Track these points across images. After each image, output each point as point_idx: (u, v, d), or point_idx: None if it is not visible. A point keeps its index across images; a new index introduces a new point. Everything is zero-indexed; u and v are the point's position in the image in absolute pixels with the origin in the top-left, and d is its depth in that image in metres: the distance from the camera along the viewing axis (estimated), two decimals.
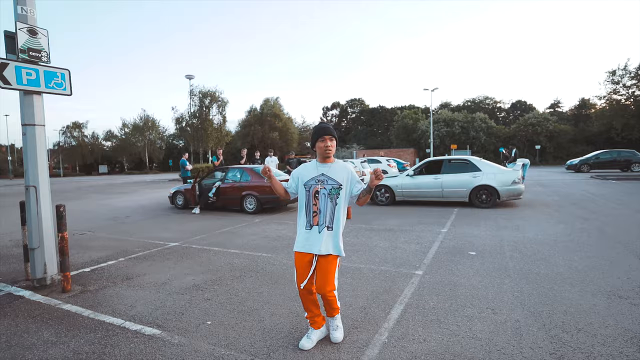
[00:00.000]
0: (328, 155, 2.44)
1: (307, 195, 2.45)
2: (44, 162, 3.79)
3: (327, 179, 2.42)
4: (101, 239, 6.41)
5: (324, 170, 2.45)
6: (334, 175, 2.43)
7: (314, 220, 2.42)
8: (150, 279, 4.07)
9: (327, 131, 2.42)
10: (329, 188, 2.41)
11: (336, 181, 2.42)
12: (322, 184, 2.42)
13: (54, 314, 3.17)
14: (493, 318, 2.84)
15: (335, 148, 2.49)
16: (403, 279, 3.83)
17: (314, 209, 2.42)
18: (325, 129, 2.43)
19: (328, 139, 2.41)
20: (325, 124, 2.48)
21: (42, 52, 3.76)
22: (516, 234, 5.72)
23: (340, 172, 2.45)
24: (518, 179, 8.39)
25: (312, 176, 2.46)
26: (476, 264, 4.28)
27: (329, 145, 2.41)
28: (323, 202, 2.41)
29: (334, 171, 2.44)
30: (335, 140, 2.44)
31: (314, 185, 2.43)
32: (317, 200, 2.42)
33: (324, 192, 2.41)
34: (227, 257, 4.94)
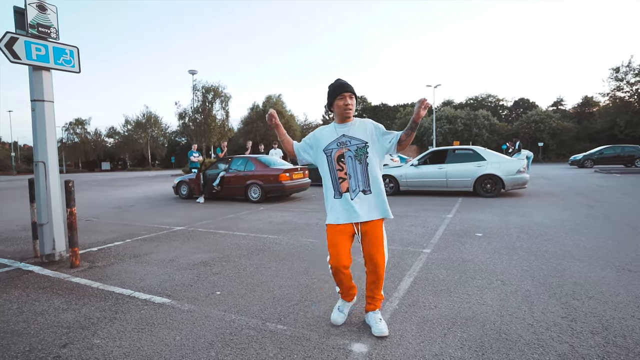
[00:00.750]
0: (348, 115, 2.20)
1: (329, 161, 2.22)
2: (53, 138, 3.80)
3: (349, 140, 2.18)
4: (107, 224, 6.43)
5: (343, 130, 2.21)
6: (356, 134, 2.19)
7: (341, 186, 2.18)
8: (158, 257, 4.08)
9: (347, 87, 2.17)
10: (354, 149, 2.17)
11: (361, 140, 2.18)
12: (345, 146, 2.18)
13: (64, 286, 3.19)
14: (503, 288, 2.83)
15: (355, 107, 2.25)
16: (411, 256, 3.83)
17: (340, 175, 2.18)
18: (344, 85, 2.19)
19: (348, 96, 2.17)
20: (343, 81, 2.22)
21: (51, 29, 3.76)
22: (522, 219, 5.70)
23: (362, 129, 2.21)
24: (523, 168, 8.37)
25: (332, 139, 2.23)
26: (483, 243, 4.27)
27: (349, 103, 2.17)
28: (351, 165, 2.17)
29: (355, 130, 2.20)
30: (355, 99, 2.22)
31: (335, 149, 2.20)
32: (343, 165, 2.19)
33: (349, 155, 2.18)
34: (233, 238, 4.95)
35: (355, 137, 2.19)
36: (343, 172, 2.19)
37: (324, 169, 2.26)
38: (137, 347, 2.10)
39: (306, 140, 2.37)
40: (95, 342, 2.17)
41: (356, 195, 2.16)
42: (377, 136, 2.21)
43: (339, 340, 2.12)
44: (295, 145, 2.38)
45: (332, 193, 2.21)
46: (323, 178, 2.28)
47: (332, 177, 2.22)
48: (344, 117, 2.22)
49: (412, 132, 2.10)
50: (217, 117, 32.26)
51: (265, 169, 8.88)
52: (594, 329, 2.14)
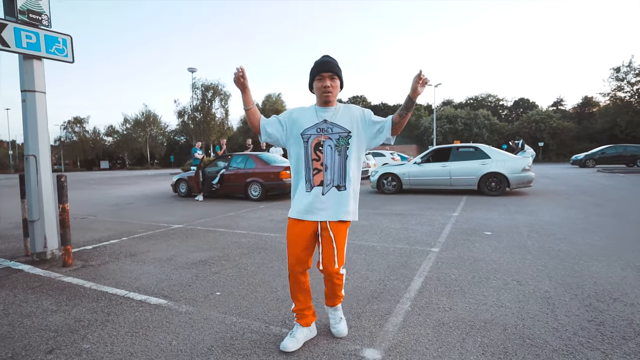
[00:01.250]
0: (328, 99, 1.89)
1: (306, 148, 1.91)
2: (44, 130, 3.63)
3: (331, 127, 1.90)
4: (103, 222, 6.25)
5: (326, 115, 1.92)
6: (340, 121, 1.91)
7: (314, 179, 1.90)
8: (155, 255, 3.91)
9: (325, 67, 1.86)
10: (336, 138, 1.89)
11: (343, 128, 1.90)
12: (325, 134, 1.89)
13: (54, 286, 3.01)
14: (520, 289, 2.67)
15: (339, 90, 1.94)
16: (419, 255, 3.67)
17: (316, 165, 1.90)
18: (324, 64, 1.87)
19: (328, 77, 1.86)
20: (326, 58, 1.92)
21: (42, 15, 3.58)
22: (530, 218, 5.55)
23: (347, 116, 1.92)
24: (528, 166, 8.22)
25: (312, 123, 1.91)
26: (493, 242, 4.11)
27: (328, 86, 1.86)
28: (330, 155, 1.89)
29: (339, 116, 1.92)
30: (338, 80, 1.91)
31: (314, 135, 1.90)
32: (320, 154, 1.89)
33: (329, 144, 1.89)
34: (233, 236, 4.78)
35: (338, 125, 1.91)
36: (319, 162, 1.90)
37: (297, 156, 1.95)
38: (129, 352, 1.93)
39: (279, 117, 2.01)
40: (85, 347, 2.00)
41: (329, 190, 1.90)
42: (363, 124, 1.95)
43: (350, 345, 1.96)
44: (262, 119, 2.00)
45: (304, 186, 1.93)
46: (293, 166, 1.99)
47: (306, 166, 1.92)
48: (324, 101, 1.92)
49: (408, 112, 1.84)
50: (216, 116, 32.06)
51: (266, 167, 8.70)
52: (626, 333, 1.98)
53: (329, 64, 1.87)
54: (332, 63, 1.89)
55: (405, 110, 1.83)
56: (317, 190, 1.90)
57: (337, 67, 1.90)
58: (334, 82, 1.89)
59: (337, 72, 1.89)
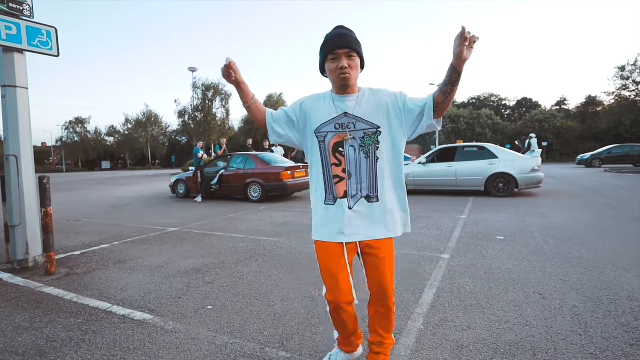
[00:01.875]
0: (347, 83, 1.43)
1: (322, 150, 1.50)
2: (26, 128, 3.38)
3: (353, 121, 1.46)
4: (96, 224, 6.01)
5: (345, 106, 1.47)
6: (363, 114, 1.46)
7: (337, 189, 1.49)
8: (145, 262, 3.66)
9: (339, 41, 1.40)
10: (360, 135, 1.46)
11: (370, 122, 1.46)
12: (346, 130, 1.47)
13: (32, 298, 2.76)
14: (544, 303, 2.40)
15: (360, 70, 1.48)
16: (429, 262, 3.40)
17: (337, 172, 1.48)
18: (337, 37, 1.42)
19: (344, 54, 1.40)
20: (340, 30, 1.46)
21: (24, 5, 3.34)
22: (543, 220, 5.27)
23: (374, 105, 1.47)
24: (537, 166, 7.93)
25: (328, 118, 1.48)
26: (507, 247, 3.84)
27: (345, 66, 1.40)
28: (353, 159, 1.47)
29: (363, 107, 1.47)
30: (357, 58, 1.44)
31: (332, 132, 1.48)
32: (341, 157, 1.48)
33: (352, 144, 1.47)
34: (230, 241, 4.52)
35: (362, 119, 1.46)
36: (340, 167, 1.49)
37: (314, 159, 1.55)
38: None
39: (288, 110, 1.58)
40: None
41: (356, 202, 1.49)
42: (397, 112, 1.47)
43: None
44: (267, 114, 1.59)
45: (322, 196, 1.53)
46: (311, 172, 1.58)
47: (325, 173, 1.51)
48: (341, 86, 1.46)
49: (454, 87, 1.36)
50: (217, 115, 31.84)
51: (266, 167, 8.44)
52: None
53: (344, 37, 1.41)
54: (348, 35, 1.42)
55: (450, 85, 1.36)
56: (341, 203, 1.49)
57: (356, 41, 1.44)
58: (352, 61, 1.42)
59: (356, 47, 1.42)
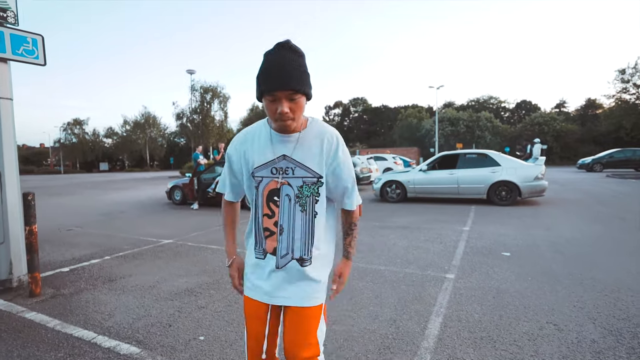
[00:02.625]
0: (286, 130, 1.17)
1: (256, 196, 1.25)
2: (10, 142, 3.21)
3: (292, 166, 1.20)
4: (89, 235, 5.84)
5: (285, 149, 1.20)
6: (303, 159, 1.20)
7: (267, 243, 1.24)
8: (136, 281, 3.49)
9: (280, 81, 1.06)
10: (298, 185, 1.21)
11: (310, 170, 1.20)
12: (283, 176, 1.21)
13: (13, 325, 2.59)
14: (560, 337, 2.24)
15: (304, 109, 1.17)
16: (433, 283, 3.24)
17: (268, 224, 1.24)
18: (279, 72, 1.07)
19: (284, 97, 1.08)
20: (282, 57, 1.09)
21: (8, 12, 3.17)
22: (550, 234, 5.11)
23: (318, 150, 1.20)
24: (541, 175, 7.78)
25: (266, 160, 1.21)
26: (514, 266, 3.68)
27: (286, 111, 1.09)
28: (287, 210, 1.22)
29: (304, 150, 1.20)
30: (302, 97, 1.12)
31: (268, 178, 1.22)
32: (274, 208, 1.23)
33: (287, 193, 1.21)
34: (225, 256, 4.35)
35: (302, 164, 1.20)
36: (274, 218, 1.23)
37: (250, 201, 1.29)
38: None
39: (229, 151, 1.31)
40: None
41: (286, 263, 1.23)
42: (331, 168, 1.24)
43: None
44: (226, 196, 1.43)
45: (253, 246, 1.30)
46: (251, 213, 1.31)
47: (256, 222, 1.27)
48: (280, 129, 1.18)
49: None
50: (215, 118, 31.69)
51: None
52: None
53: (286, 74, 1.07)
54: (292, 70, 1.08)
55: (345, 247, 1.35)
56: (271, 260, 1.24)
57: (301, 76, 1.10)
58: (295, 104, 1.11)
59: (301, 88, 1.09)
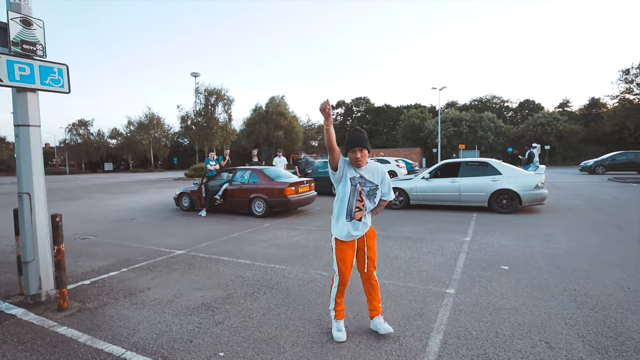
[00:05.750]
0: (359, 166, 2.62)
1: (352, 191, 2.62)
2: (39, 166, 3.44)
3: (365, 182, 2.64)
4: (103, 244, 6.08)
5: (361, 172, 2.64)
6: (370, 177, 2.66)
7: (356, 215, 2.62)
8: (155, 295, 3.72)
9: (356, 143, 2.56)
10: (367, 190, 2.65)
11: (373, 183, 2.67)
12: (362, 186, 2.63)
13: (47, 340, 2.82)
14: (550, 354, 2.44)
15: (367, 155, 2.67)
16: (434, 299, 3.44)
17: (359, 205, 2.62)
18: (355, 140, 2.56)
19: (358, 150, 2.57)
20: (356, 134, 2.60)
21: (37, 45, 3.40)
22: (548, 245, 5.29)
23: (375, 174, 2.69)
24: (541, 183, 7.95)
25: (353, 175, 2.62)
26: (512, 280, 3.88)
27: (359, 157, 2.58)
28: (367, 201, 2.66)
29: (369, 173, 2.66)
30: (366, 150, 2.60)
31: (358, 184, 2.62)
32: (362, 198, 2.63)
33: (365, 192, 2.65)
34: (237, 268, 4.58)
35: (369, 181, 2.68)
36: (362, 203, 2.66)
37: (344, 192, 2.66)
38: None
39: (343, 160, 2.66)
40: None
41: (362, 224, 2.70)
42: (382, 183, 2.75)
43: None
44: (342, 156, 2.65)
45: (344, 215, 2.67)
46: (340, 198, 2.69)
47: (349, 204, 2.65)
48: (356, 166, 2.64)
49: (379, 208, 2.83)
50: (219, 121, 31.94)
51: (270, 182, 8.50)
52: None
53: (359, 140, 2.57)
54: (361, 138, 2.58)
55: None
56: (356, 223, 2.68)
57: (366, 141, 2.61)
58: (363, 153, 2.60)
59: (366, 145, 2.59)
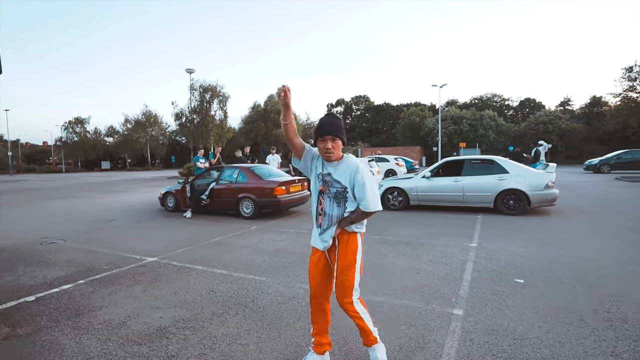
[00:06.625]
0: (328, 159, 2.08)
1: (314, 189, 2.16)
2: None
3: (332, 181, 2.09)
4: (69, 250, 5.47)
5: (330, 168, 2.10)
6: (339, 177, 2.07)
7: (318, 220, 2.15)
8: (106, 316, 3.11)
9: (327, 130, 2.02)
10: (334, 191, 2.09)
11: (340, 184, 2.07)
12: (327, 185, 2.10)
13: None
14: None
15: (342, 147, 2.09)
16: (439, 322, 2.84)
17: (319, 209, 2.14)
18: (325, 125, 2.02)
19: (329, 139, 2.02)
20: (328, 119, 2.06)
21: None
22: (565, 253, 4.69)
23: (346, 173, 2.06)
24: (552, 183, 7.35)
25: (320, 171, 2.12)
26: (530, 298, 3.28)
27: (330, 147, 2.03)
28: (328, 205, 2.10)
29: (340, 172, 2.08)
30: (339, 140, 2.05)
31: (319, 183, 2.12)
32: (322, 200, 2.12)
33: (328, 195, 2.10)
34: (210, 280, 3.98)
35: (337, 180, 2.09)
36: (322, 207, 2.14)
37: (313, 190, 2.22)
38: None
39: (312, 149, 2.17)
40: None
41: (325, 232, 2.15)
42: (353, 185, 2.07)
43: None
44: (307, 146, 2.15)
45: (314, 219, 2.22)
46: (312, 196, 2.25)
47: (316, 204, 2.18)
48: (325, 159, 2.11)
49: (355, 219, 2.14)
50: (215, 118, 31.28)
51: (259, 181, 7.89)
52: None
53: (330, 126, 2.02)
54: (333, 124, 2.03)
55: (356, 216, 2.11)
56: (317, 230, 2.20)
57: (340, 129, 2.05)
58: (335, 143, 2.04)
59: (339, 133, 2.03)
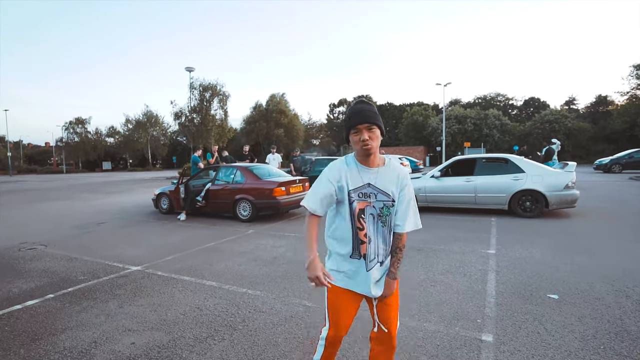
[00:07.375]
0: (368, 153, 1.50)
1: (351, 212, 1.54)
2: None
3: (375, 192, 1.54)
4: (48, 257, 5.00)
5: (369, 177, 1.53)
6: (383, 185, 1.54)
7: (362, 249, 1.56)
8: (68, 342, 2.63)
9: (360, 119, 1.47)
10: (380, 206, 1.54)
11: (387, 194, 1.54)
12: (367, 199, 1.53)
13: None
14: None
15: (380, 139, 1.52)
16: (466, 352, 2.33)
17: (361, 236, 1.54)
18: (359, 113, 1.48)
19: (364, 129, 1.47)
20: (359, 105, 1.51)
21: None
22: (597, 263, 4.16)
23: (391, 178, 1.55)
24: (572, 183, 6.82)
25: (355, 185, 1.53)
26: (571, 318, 2.77)
27: (366, 138, 1.46)
28: (372, 226, 1.55)
29: (384, 178, 1.54)
30: (377, 129, 1.49)
31: (356, 200, 1.53)
32: (363, 223, 1.54)
33: (371, 212, 1.54)
34: (197, 294, 3.49)
35: (382, 191, 1.54)
36: (364, 232, 1.55)
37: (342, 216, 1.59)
38: None
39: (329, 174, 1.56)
40: None
41: (373, 266, 1.59)
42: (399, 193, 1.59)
43: None
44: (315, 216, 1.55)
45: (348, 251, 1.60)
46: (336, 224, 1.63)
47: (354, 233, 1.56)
48: (364, 156, 1.53)
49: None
50: (215, 117, 30.83)
51: (257, 182, 7.40)
52: None
53: (366, 113, 1.48)
54: (369, 111, 1.49)
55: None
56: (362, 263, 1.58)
57: (375, 115, 1.50)
58: (372, 133, 1.49)
59: (376, 121, 1.49)
